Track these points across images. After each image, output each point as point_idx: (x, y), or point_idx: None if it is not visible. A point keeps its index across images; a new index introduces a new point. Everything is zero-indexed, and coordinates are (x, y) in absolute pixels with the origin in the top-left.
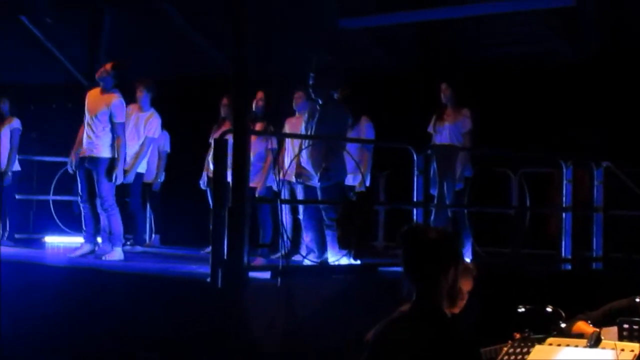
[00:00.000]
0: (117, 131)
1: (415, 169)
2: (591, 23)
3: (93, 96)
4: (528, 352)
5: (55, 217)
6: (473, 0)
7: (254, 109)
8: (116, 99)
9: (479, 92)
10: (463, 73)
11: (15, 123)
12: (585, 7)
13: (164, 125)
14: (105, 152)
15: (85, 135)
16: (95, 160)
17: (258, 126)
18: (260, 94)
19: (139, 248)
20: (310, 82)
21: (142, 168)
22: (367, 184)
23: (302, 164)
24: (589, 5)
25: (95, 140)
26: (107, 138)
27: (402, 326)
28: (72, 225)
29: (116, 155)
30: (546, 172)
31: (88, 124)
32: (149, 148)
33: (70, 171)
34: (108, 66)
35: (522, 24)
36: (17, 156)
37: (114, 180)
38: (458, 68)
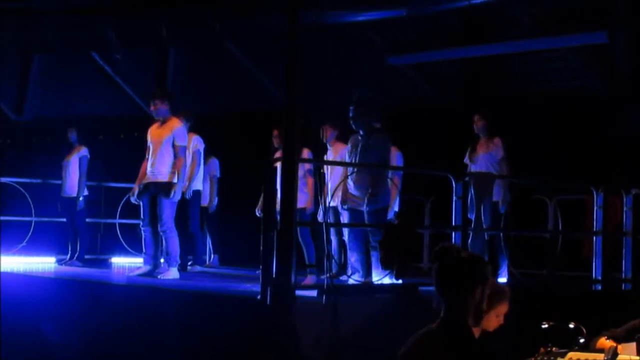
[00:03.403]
0: (179, 153)
1: (454, 195)
2: (624, 59)
3: (155, 129)
4: None
5: (122, 239)
6: (511, 38)
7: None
8: (178, 124)
9: (519, 125)
10: (502, 106)
11: (84, 151)
12: (618, 43)
13: (214, 153)
14: (167, 177)
15: (149, 165)
16: (158, 185)
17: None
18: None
19: (198, 268)
20: (351, 115)
21: (197, 185)
22: (396, 208)
23: (350, 191)
24: (622, 42)
25: (158, 167)
26: (169, 163)
27: (430, 340)
28: (137, 246)
29: (176, 178)
30: (581, 199)
31: (153, 154)
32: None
33: (134, 201)
34: (158, 100)
35: (558, 59)
36: (86, 182)
37: (173, 198)
38: (498, 102)
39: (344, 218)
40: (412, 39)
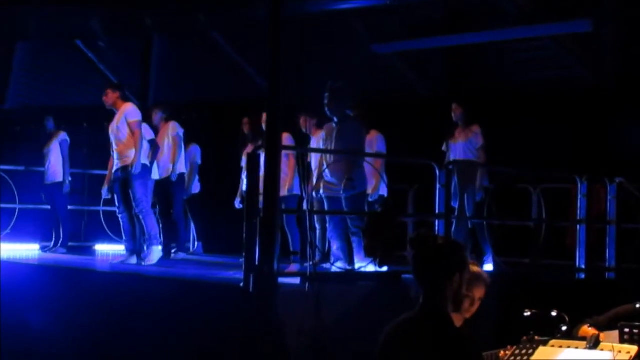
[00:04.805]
0: (134, 128)
1: (438, 183)
2: (609, 48)
3: (111, 123)
4: (533, 353)
5: (105, 227)
6: (496, 26)
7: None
8: (127, 104)
9: (503, 114)
10: (486, 95)
11: (63, 136)
12: (603, 33)
13: (199, 142)
14: (133, 157)
15: (115, 157)
16: (127, 168)
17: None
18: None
19: (181, 255)
20: (325, 102)
21: (182, 168)
22: (381, 192)
23: (326, 179)
24: (606, 31)
25: (123, 150)
26: (131, 145)
27: (408, 327)
28: (121, 234)
29: (135, 153)
30: (565, 188)
31: (116, 144)
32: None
33: (107, 196)
34: (110, 90)
35: (544, 48)
36: (69, 166)
37: (137, 170)
38: (482, 91)
39: (325, 206)
40: (397, 27)
